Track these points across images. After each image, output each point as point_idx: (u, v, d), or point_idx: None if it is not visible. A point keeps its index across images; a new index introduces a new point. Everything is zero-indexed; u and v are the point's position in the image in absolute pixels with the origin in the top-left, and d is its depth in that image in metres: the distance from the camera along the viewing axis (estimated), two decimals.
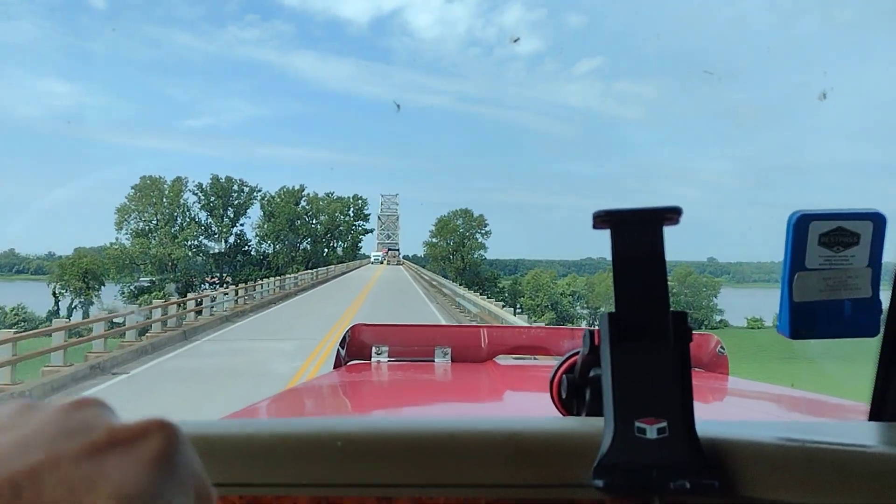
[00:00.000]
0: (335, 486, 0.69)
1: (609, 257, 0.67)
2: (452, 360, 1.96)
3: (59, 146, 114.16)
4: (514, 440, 0.69)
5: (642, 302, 0.67)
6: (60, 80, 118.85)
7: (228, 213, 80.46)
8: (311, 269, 71.94)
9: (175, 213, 76.97)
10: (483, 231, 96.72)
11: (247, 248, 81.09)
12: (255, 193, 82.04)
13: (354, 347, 2.00)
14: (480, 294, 31.47)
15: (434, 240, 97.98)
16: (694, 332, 0.69)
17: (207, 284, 78.23)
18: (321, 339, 16.75)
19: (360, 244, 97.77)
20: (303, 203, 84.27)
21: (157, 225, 75.77)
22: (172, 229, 75.79)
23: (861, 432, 0.75)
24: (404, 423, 0.74)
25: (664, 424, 0.64)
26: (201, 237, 78.59)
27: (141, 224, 75.76)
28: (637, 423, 0.65)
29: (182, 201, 77.63)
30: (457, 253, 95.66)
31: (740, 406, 1.60)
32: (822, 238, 0.68)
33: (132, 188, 76.05)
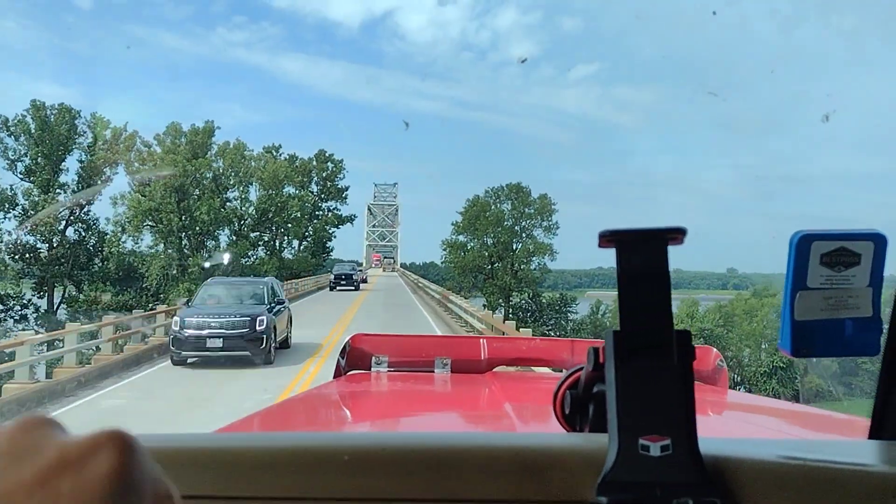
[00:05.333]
0: (341, 500, 0.70)
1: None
2: (452, 371, 1.99)
3: None
4: (519, 456, 0.71)
5: (647, 320, 0.68)
6: (48, 81, 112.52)
7: (64, 179, 41.91)
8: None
9: None
10: (548, 224, 57.67)
11: (103, 248, 42.15)
12: (119, 142, 43.31)
13: (354, 357, 2.03)
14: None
15: (460, 238, 58.92)
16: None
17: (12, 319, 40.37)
18: None
19: (329, 242, 58.96)
20: (214, 158, 44.66)
21: None
22: None
23: (861, 451, 0.77)
24: (410, 438, 0.77)
25: (668, 442, 0.66)
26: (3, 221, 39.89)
27: None
28: (641, 441, 0.66)
29: None
30: (503, 260, 56.70)
31: (741, 421, 1.64)
32: (823, 258, 0.70)
33: None
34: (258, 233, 47.72)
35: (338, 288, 40.49)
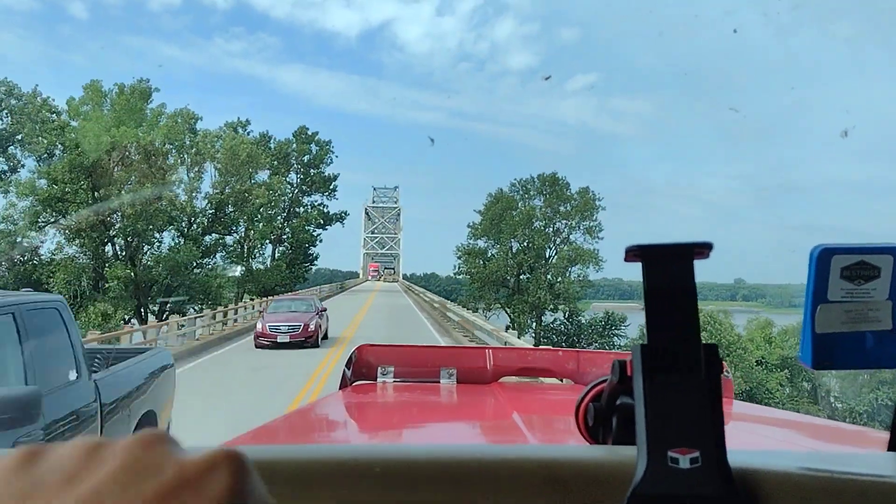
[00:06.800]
0: None
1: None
2: (458, 382, 2.00)
3: None
4: (547, 468, 0.72)
5: (674, 334, 0.70)
6: (45, 92, 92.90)
7: None
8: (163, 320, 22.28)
9: None
10: (589, 224, 46.17)
11: None
12: (25, 111, 31.74)
13: (360, 368, 2.04)
14: None
15: (479, 243, 47.42)
16: None
17: None
18: None
19: (312, 248, 47.22)
20: (146, 130, 32.44)
21: None
22: None
23: (883, 462, 0.78)
24: (439, 450, 0.79)
25: (697, 455, 0.66)
26: None
27: None
28: (670, 454, 0.67)
29: None
30: (534, 271, 45.22)
31: (753, 433, 1.63)
32: (843, 271, 0.71)
33: None
34: (217, 234, 35.95)
35: None
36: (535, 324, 43.99)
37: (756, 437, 1.56)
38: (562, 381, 2.22)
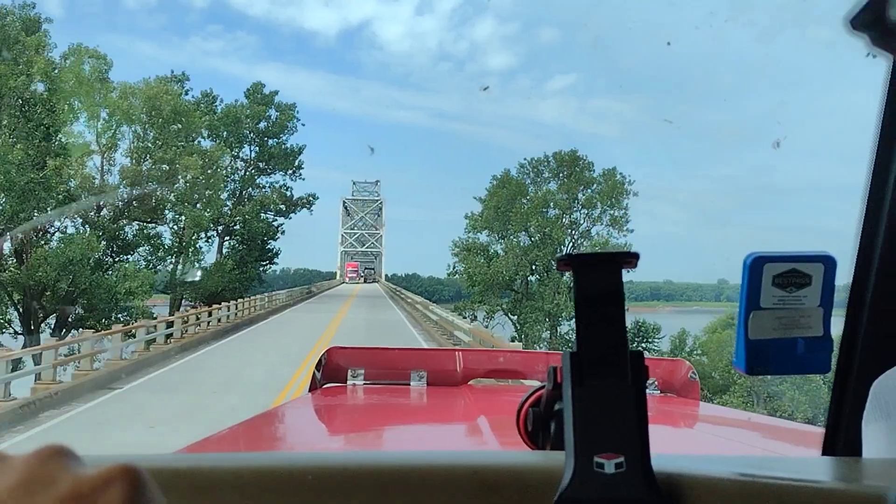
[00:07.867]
0: None
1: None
2: (428, 384, 2.01)
3: None
4: (478, 474, 0.73)
5: (602, 341, 0.72)
6: None
7: None
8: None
9: None
10: (614, 214, 37.99)
11: None
12: None
13: (330, 370, 2.03)
14: None
15: (481, 237, 38.97)
16: (665, 357, 0.75)
17: None
18: None
19: (271, 241, 37.69)
20: (24, 69, 23.24)
21: None
22: None
23: (813, 467, 0.81)
24: (372, 458, 0.81)
25: (621, 459, 0.68)
26: None
27: None
28: (596, 458, 0.68)
29: None
30: (551, 272, 36.92)
31: (706, 434, 1.72)
32: (776, 279, 0.74)
33: None
34: (140, 222, 26.96)
35: None
36: (549, 334, 35.91)
37: (703, 437, 1.63)
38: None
